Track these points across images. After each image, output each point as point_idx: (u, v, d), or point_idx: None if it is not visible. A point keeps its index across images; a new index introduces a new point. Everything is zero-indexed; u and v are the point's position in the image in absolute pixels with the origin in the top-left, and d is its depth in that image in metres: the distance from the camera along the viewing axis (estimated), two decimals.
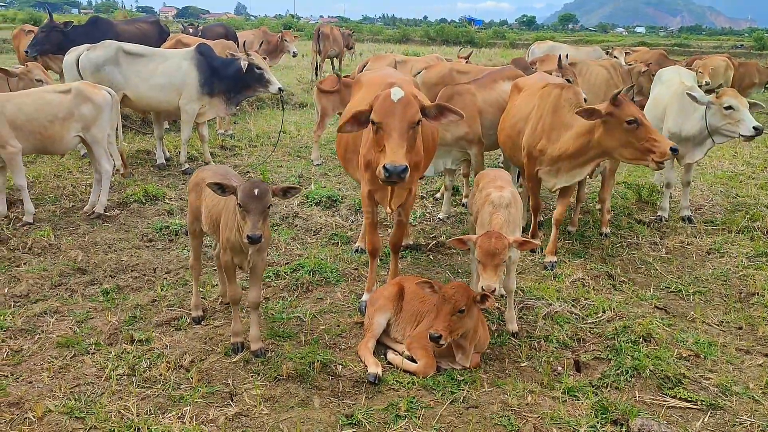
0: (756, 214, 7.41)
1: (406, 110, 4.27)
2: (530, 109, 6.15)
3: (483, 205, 4.68)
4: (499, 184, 4.78)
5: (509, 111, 6.60)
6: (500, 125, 6.70)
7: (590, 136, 5.58)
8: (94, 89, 6.79)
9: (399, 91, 4.33)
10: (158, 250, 6.24)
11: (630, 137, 5.38)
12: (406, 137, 4.25)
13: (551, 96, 6.00)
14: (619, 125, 5.38)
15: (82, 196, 7.58)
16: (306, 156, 10.05)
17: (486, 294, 4.01)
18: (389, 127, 4.22)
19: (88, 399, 3.76)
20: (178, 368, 4.14)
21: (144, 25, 11.62)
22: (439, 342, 3.85)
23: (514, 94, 6.79)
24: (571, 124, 5.76)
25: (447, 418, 3.73)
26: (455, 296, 3.91)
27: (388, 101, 4.29)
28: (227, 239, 4.08)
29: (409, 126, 4.28)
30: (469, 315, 3.97)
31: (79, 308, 4.94)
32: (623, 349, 4.36)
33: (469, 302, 3.94)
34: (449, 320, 3.87)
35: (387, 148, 4.19)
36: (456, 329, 3.92)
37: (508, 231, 4.42)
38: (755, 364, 4.41)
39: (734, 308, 5.29)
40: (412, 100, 4.34)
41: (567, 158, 5.83)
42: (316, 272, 5.62)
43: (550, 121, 5.89)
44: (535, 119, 6.02)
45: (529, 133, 6.05)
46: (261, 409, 3.75)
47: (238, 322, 4.40)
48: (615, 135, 5.43)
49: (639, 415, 3.70)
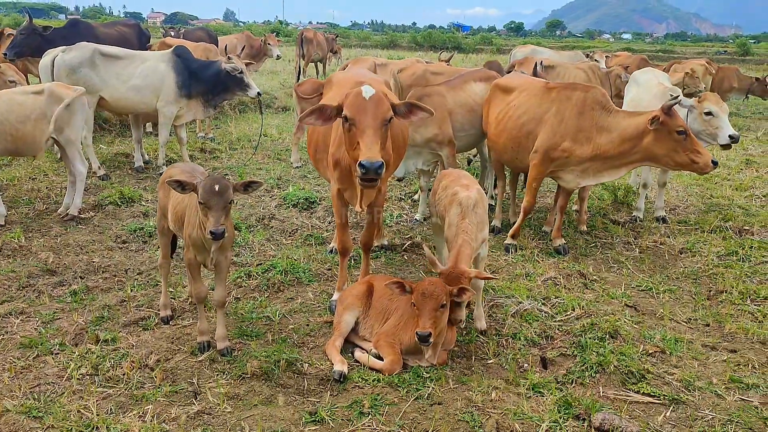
0: (729, 214, 7.48)
1: (378, 107, 4.25)
2: (544, 111, 6.14)
3: (450, 205, 4.62)
4: (464, 182, 4.76)
5: (507, 112, 6.47)
6: (496, 126, 6.56)
7: (638, 141, 5.73)
8: (67, 90, 6.75)
9: (370, 88, 4.32)
10: (131, 251, 6.21)
11: (678, 147, 5.61)
12: (380, 134, 4.22)
13: (573, 98, 6.04)
14: (669, 134, 5.60)
15: (56, 198, 7.54)
16: (286, 159, 10.05)
17: (463, 287, 4.01)
18: (362, 124, 4.19)
19: (47, 399, 3.73)
20: (142, 367, 4.11)
21: (124, 28, 11.57)
22: (428, 340, 3.85)
23: (499, 95, 6.75)
24: (606, 126, 5.86)
25: (410, 415, 3.73)
26: (435, 292, 3.91)
27: (360, 98, 4.26)
28: (189, 236, 4.07)
29: (382, 123, 4.24)
30: (447, 310, 3.98)
31: (46, 309, 4.90)
32: (589, 345, 4.38)
33: (447, 297, 3.95)
34: (434, 316, 3.87)
35: (362, 145, 4.15)
36: (439, 325, 3.93)
37: (476, 233, 4.44)
38: (720, 360, 4.44)
39: (703, 306, 5.33)
40: (383, 98, 4.33)
41: (602, 160, 5.93)
42: (289, 272, 5.61)
43: (576, 123, 5.93)
44: (555, 121, 6.03)
45: (547, 134, 6.04)
46: (224, 408, 3.74)
47: (204, 321, 4.38)
48: (664, 143, 5.64)
49: (601, 410, 3.72)
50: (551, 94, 6.22)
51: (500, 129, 6.52)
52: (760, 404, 3.90)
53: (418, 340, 3.89)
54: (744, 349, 4.60)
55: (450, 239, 4.48)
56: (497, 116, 6.61)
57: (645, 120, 5.70)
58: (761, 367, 4.35)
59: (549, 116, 6.08)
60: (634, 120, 5.82)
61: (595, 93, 6.07)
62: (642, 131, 5.70)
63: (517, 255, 6.29)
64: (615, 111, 6.00)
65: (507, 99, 6.62)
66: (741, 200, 8.29)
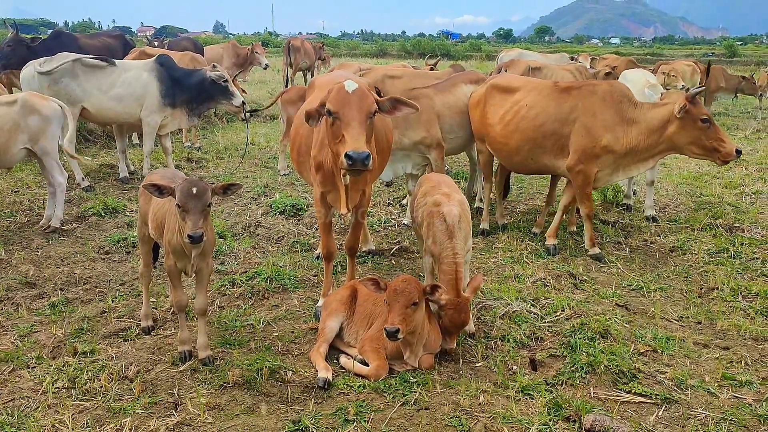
0: (719, 211, 7.43)
1: (362, 101, 4.16)
2: (568, 110, 6.04)
3: (433, 218, 4.47)
4: (445, 190, 4.66)
5: (518, 112, 6.30)
6: (505, 127, 6.37)
7: (662, 131, 5.78)
8: (42, 100, 6.63)
9: (352, 83, 4.23)
10: (114, 262, 6.09)
11: (701, 135, 5.69)
12: (365, 126, 4.12)
13: (599, 92, 6.00)
14: (693, 123, 5.68)
15: (38, 210, 7.41)
16: (273, 166, 9.95)
17: (436, 285, 3.94)
18: (347, 117, 4.09)
19: (21, 413, 3.61)
20: (121, 379, 4.00)
21: (108, 39, 11.49)
22: (397, 336, 3.76)
23: (497, 95, 6.57)
24: (635, 118, 5.87)
25: (397, 421, 3.63)
26: (407, 289, 3.83)
27: (343, 92, 4.17)
28: (169, 242, 3.97)
29: (366, 115, 4.15)
30: (420, 308, 3.89)
31: (24, 322, 4.78)
32: (579, 345, 4.29)
33: (420, 295, 3.86)
34: (404, 313, 3.79)
35: (347, 137, 4.04)
36: (410, 323, 3.83)
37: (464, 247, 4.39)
38: (712, 357, 4.36)
39: (694, 303, 5.26)
40: (366, 92, 4.24)
41: (633, 153, 5.92)
42: (273, 279, 5.51)
43: (610, 117, 5.89)
44: (588, 117, 5.94)
45: (582, 133, 5.94)
46: (205, 418, 3.63)
47: (185, 330, 4.27)
48: (688, 132, 5.71)
49: (592, 411, 3.63)
50: (571, 91, 6.14)
51: (511, 130, 6.34)
52: (753, 401, 3.83)
53: (386, 336, 3.79)
54: (736, 346, 4.53)
55: (437, 256, 4.40)
56: (503, 117, 6.43)
57: (669, 110, 5.77)
58: (754, 364, 4.27)
59: (578, 114, 5.99)
60: (659, 110, 5.87)
61: (620, 86, 6.13)
62: (667, 121, 5.76)
63: (506, 257, 6.21)
64: (639, 103, 6.03)
65: (511, 99, 6.46)
66: (731, 198, 8.25)
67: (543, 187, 9.07)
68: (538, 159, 6.29)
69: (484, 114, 6.68)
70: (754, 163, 10.37)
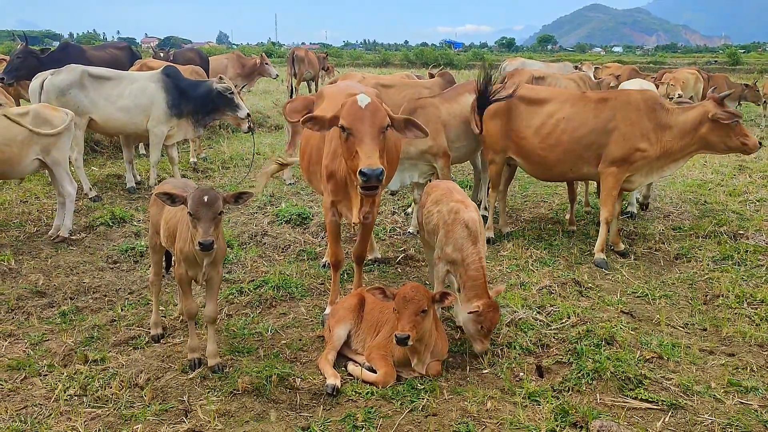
0: (723, 219, 7.46)
1: (375, 115, 4.21)
2: (606, 120, 6.26)
3: (454, 226, 4.49)
4: (458, 197, 4.71)
5: (557, 125, 6.40)
6: (544, 140, 6.46)
7: (696, 132, 6.13)
8: (53, 111, 6.72)
9: (365, 97, 4.28)
10: (122, 271, 6.15)
11: (730, 132, 6.08)
12: (378, 141, 4.17)
13: (632, 102, 6.27)
14: (723, 123, 6.03)
15: (47, 221, 7.47)
16: (279, 176, 10.00)
17: (446, 292, 3.99)
18: (360, 133, 4.14)
19: (34, 420, 3.66)
20: (132, 387, 4.04)
21: (115, 51, 11.60)
22: (407, 342, 3.80)
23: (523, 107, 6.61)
24: (667, 123, 6.20)
25: (405, 427, 3.66)
26: (416, 296, 3.87)
27: (356, 107, 4.21)
28: (181, 251, 4.02)
29: (379, 130, 4.20)
30: (428, 315, 3.93)
31: (35, 331, 4.83)
32: (585, 352, 4.32)
33: (429, 302, 3.91)
34: (413, 320, 3.83)
35: (361, 153, 4.09)
36: (419, 330, 3.87)
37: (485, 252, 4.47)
38: (718, 364, 4.39)
39: (699, 310, 5.28)
40: (379, 106, 4.29)
41: (667, 155, 6.25)
42: (281, 288, 5.56)
43: (645, 124, 6.20)
44: (625, 126, 6.19)
45: (622, 141, 6.20)
46: (215, 425, 3.67)
47: (195, 338, 4.32)
48: (719, 131, 6.09)
49: (599, 417, 3.66)
50: (607, 102, 6.34)
51: (551, 143, 6.45)
52: (759, 407, 3.85)
53: (396, 343, 3.83)
54: (742, 353, 4.55)
55: (459, 262, 4.43)
56: (539, 130, 6.50)
57: (699, 112, 6.14)
58: (760, 370, 4.30)
59: (616, 123, 6.22)
60: (690, 114, 6.20)
61: (651, 94, 6.47)
62: (699, 123, 6.11)
63: (511, 264, 6.25)
64: (670, 108, 6.33)
65: (543, 111, 6.53)
66: (735, 205, 8.27)
67: (548, 195, 9.12)
68: (579, 169, 6.49)
69: (509, 126, 6.69)
70: (757, 171, 10.39)
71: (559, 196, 8.94)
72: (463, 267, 4.38)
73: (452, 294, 4.03)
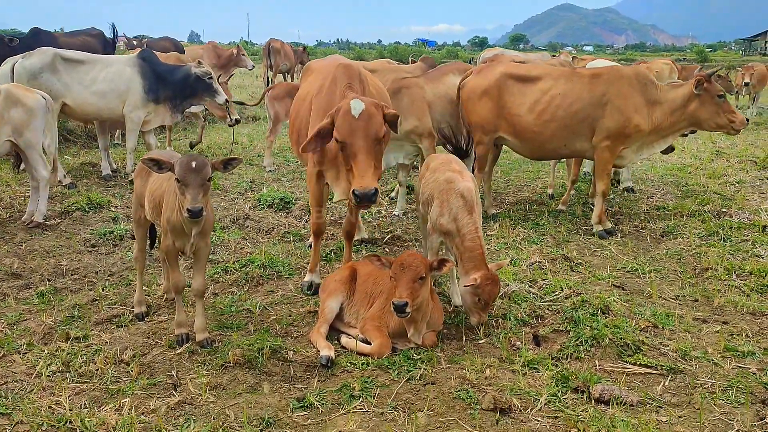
0: (705, 198, 7.50)
1: (369, 125, 4.06)
2: (600, 94, 6.30)
3: (449, 195, 4.38)
4: (455, 167, 4.62)
5: (551, 101, 6.40)
6: (540, 116, 6.44)
7: (684, 109, 6.25)
8: (26, 92, 6.49)
9: (359, 103, 4.08)
10: (101, 254, 5.95)
11: (719, 109, 6.23)
12: (373, 154, 4.06)
13: (625, 77, 6.36)
14: (711, 99, 6.21)
15: (20, 207, 7.21)
16: (258, 164, 9.85)
17: (444, 259, 3.91)
18: (354, 147, 4.03)
19: (15, 396, 3.48)
20: (117, 363, 3.88)
21: (87, 38, 11.31)
22: (405, 310, 3.70)
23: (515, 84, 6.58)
24: (658, 99, 6.30)
25: (404, 396, 3.57)
26: (414, 263, 3.78)
27: (349, 117, 4.05)
28: (168, 220, 3.87)
29: (374, 141, 4.09)
30: (426, 283, 3.84)
31: (11, 311, 4.63)
32: (582, 320, 4.27)
33: (427, 270, 3.81)
34: (411, 287, 3.73)
35: (355, 171, 4.01)
36: (417, 297, 3.78)
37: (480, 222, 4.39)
38: (712, 331, 4.37)
39: (689, 283, 5.27)
40: (374, 112, 4.10)
41: (657, 131, 6.37)
42: (267, 266, 5.43)
43: (639, 99, 6.26)
44: (620, 101, 6.24)
45: (617, 115, 6.25)
46: (206, 397, 3.53)
47: (182, 313, 4.17)
48: (707, 107, 6.23)
49: (599, 382, 3.60)
50: (600, 77, 6.39)
51: (546, 119, 6.44)
52: (758, 370, 3.83)
53: (394, 310, 3.72)
54: (735, 321, 4.55)
55: (455, 232, 4.33)
56: (533, 107, 6.48)
57: (689, 89, 6.24)
58: (755, 336, 4.30)
59: (610, 97, 6.26)
60: (679, 90, 6.34)
61: (641, 70, 6.62)
62: (688, 99, 6.23)
63: (499, 243, 6.20)
64: (660, 85, 6.45)
65: (536, 88, 6.51)
66: (716, 187, 8.32)
67: (530, 179, 9.10)
68: (572, 144, 6.51)
69: (501, 104, 6.64)
70: (734, 156, 10.51)
71: (542, 180, 8.94)
72: (459, 237, 4.29)
73: (450, 261, 3.95)
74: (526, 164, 10.01)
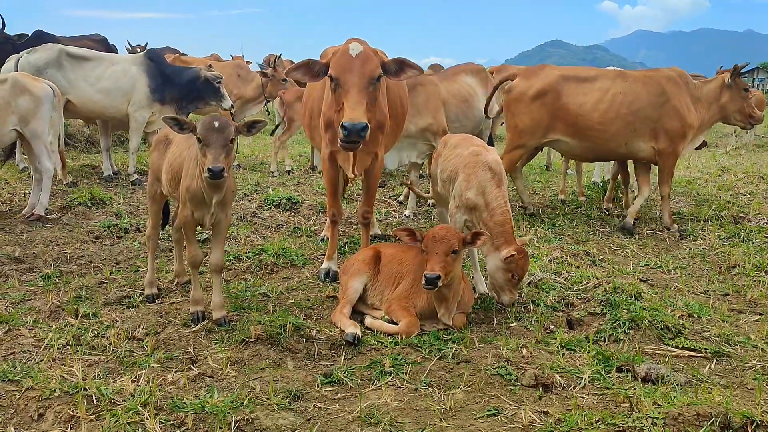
0: (721, 205, 7.40)
1: (365, 65, 4.09)
2: (657, 94, 6.41)
3: (476, 168, 4.21)
4: (478, 142, 4.51)
5: (615, 99, 6.42)
6: (604, 114, 6.43)
7: (718, 101, 6.58)
8: (34, 81, 6.32)
9: (358, 46, 4.17)
10: (105, 245, 5.72)
11: (744, 103, 6.58)
12: (366, 93, 4.05)
13: (674, 78, 6.52)
14: (738, 92, 6.55)
15: (20, 203, 6.97)
16: (262, 170, 9.69)
17: (478, 232, 3.73)
18: (347, 84, 4.03)
19: (24, 365, 3.25)
20: (130, 339, 3.65)
21: (90, 43, 11.17)
22: (436, 283, 3.51)
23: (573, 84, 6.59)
24: (698, 96, 6.58)
25: (437, 373, 3.36)
26: (447, 235, 3.61)
27: (346, 56, 4.11)
28: (187, 188, 3.68)
29: (369, 82, 4.08)
30: (459, 258, 3.66)
31: (15, 291, 4.39)
32: (618, 303, 4.08)
33: (460, 243, 3.64)
34: (444, 261, 3.54)
35: (345, 106, 3.99)
36: (449, 271, 3.59)
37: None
38: (751, 321, 4.21)
39: (717, 280, 5.11)
40: (371, 56, 4.17)
41: (699, 128, 6.62)
42: (281, 255, 5.22)
43: (689, 99, 6.50)
44: (678, 102, 6.42)
45: (671, 112, 6.40)
46: (228, 372, 3.31)
47: (198, 289, 3.95)
48: (736, 100, 6.57)
49: (644, 361, 3.41)
50: (652, 78, 6.53)
51: (611, 117, 6.43)
52: None
53: (425, 283, 3.55)
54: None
55: (483, 206, 4.16)
56: (597, 105, 6.46)
57: (721, 81, 6.58)
58: None
59: (667, 97, 6.40)
60: (712, 84, 6.65)
61: (680, 71, 6.72)
62: (720, 92, 6.56)
63: None
64: (695, 83, 6.69)
65: (596, 87, 6.53)
66: (728, 197, 8.23)
67: (540, 188, 8.98)
68: (632, 143, 6.52)
69: (559, 105, 6.56)
70: (741, 172, 10.44)
71: (551, 190, 8.82)
72: (487, 212, 4.11)
73: (485, 234, 3.77)
74: (534, 175, 9.91)
